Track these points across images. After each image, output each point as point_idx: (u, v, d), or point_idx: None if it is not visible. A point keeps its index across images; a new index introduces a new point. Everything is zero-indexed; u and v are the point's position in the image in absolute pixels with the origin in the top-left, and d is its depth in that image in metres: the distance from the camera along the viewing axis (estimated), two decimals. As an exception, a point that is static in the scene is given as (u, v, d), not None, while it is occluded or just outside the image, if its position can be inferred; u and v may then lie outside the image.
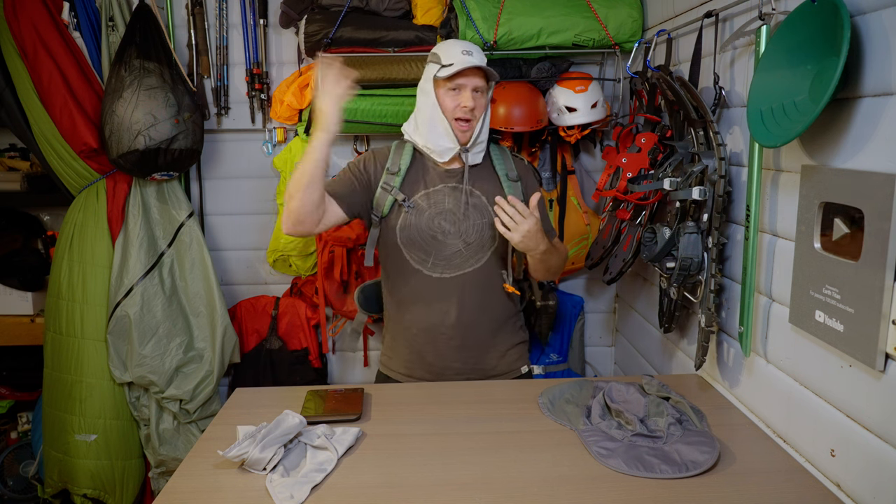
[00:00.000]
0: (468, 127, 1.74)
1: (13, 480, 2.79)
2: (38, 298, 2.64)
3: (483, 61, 1.73)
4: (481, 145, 1.80)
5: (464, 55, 1.71)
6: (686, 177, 1.58)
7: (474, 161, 1.79)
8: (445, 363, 1.81)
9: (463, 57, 1.70)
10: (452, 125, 1.73)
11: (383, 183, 1.77)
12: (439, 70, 1.71)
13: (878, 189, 1.04)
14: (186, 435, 2.43)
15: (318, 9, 2.36)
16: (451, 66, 1.69)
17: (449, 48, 1.75)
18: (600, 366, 2.81)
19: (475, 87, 1.73)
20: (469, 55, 1.71)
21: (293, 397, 1.62)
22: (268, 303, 2.64)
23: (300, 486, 1.21)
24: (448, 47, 1.75)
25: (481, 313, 1.81)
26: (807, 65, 1.20)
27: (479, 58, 1.72)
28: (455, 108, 1.72)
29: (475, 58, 1.71)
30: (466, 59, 1.70)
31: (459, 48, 1.73)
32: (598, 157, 2.62)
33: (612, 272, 2.11)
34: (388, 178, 1.77)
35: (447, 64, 1.70)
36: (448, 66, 1.70)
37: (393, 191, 1.75)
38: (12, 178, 2.52)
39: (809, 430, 1.29)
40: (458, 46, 1.74)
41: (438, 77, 1.72)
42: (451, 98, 1.73)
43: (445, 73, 1.70)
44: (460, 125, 1.73)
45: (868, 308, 1.07)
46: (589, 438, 1.37)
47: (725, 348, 1.65)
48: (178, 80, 2.25)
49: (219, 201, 2.64)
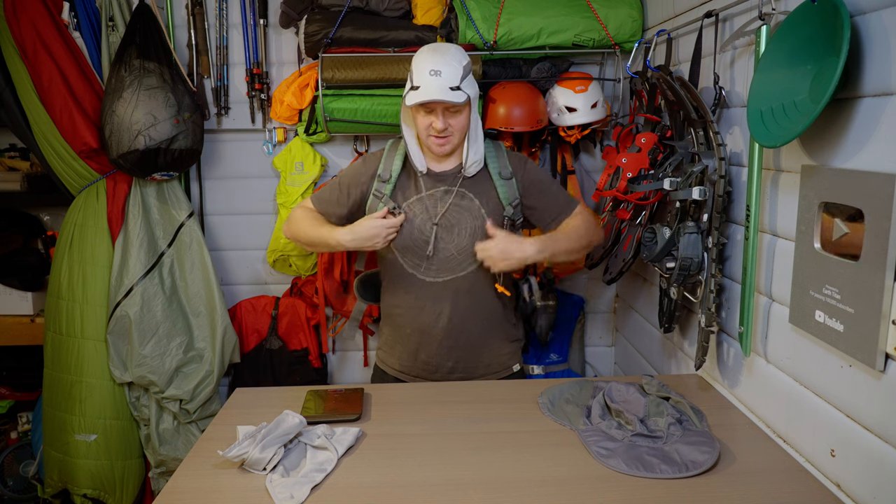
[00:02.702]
0: (445, 142, 1.70)
1: (13, 480, 2.79)
2: (38, 298, 2.64)
3: (454, 79, 1.61)
4: (477, 164, 1.76)
5: (431, 77, 1.60)
6: (686, 177, 1.58)
7: (469, 174, 1.77)
8: (439, 361, 1.84)
9: (430, 79, 1.60)
10: (425, 145, 1.72)
11: (374, 191, 1.77)
12: (408, 93, 1.65)
13: (878, 189, 1.04)
14: (186, 435, 2.43)
15: (318, 9, 2.36)
16: (418, 92, 1.62)
17: (419, 64, 1.65)
18: (600, 366, 2.81)
19: (447, 107, 1.65)
20: (436, 76, 1.60)
21: (293, 397, 1.62)
22: (268, 303, 2.64)
23: (300, 486, 1.21)
24: (419, 63, 1.66)
25: (474, 314, 1.82)
26: (807, 65, 1.20)
27: (449, 75, 1.61)
28: (427, 128, 1.68)
29: (443, 78, 1.61)
30: (432, 84, 1.60)
31: (428, 66, 1.62)
32: (598, 157, 2.62)
33: (612, 272, 2.11)
34: (379, 186, 1.77)
35: (416, 86, 1.63)
36: (415, 90, 1.62)
37: (384, 198, 1.76)
38: (12, 178, 2.52)
39: (809, 430, 1.29)
40: (427, 63, 1.63)
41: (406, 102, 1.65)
42: (423, 118, 1.68)
43: (411, 100, 1.63)
44: (437, 140, 1.69)
45: (868, 308, 1.07)
46: (589, 438, 1.37)
47: (725, 348, 1.65)
48: (178, 80, 2.25)
49: (219, 201, 2.64)
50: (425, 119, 1.68)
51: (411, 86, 1.65)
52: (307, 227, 1.77)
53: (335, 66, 2.29)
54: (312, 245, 1.80)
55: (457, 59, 1.66)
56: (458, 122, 1.69)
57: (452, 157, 1.78)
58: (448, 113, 1.66)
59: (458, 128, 1.70)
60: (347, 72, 2.29)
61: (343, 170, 1.87)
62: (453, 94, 1.62)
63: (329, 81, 2.29)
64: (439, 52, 1.67)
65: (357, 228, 1.68)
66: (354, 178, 1.81)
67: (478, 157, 1.76)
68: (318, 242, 1.77)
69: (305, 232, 1.78)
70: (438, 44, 1.73)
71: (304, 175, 2.48)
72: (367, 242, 1.68)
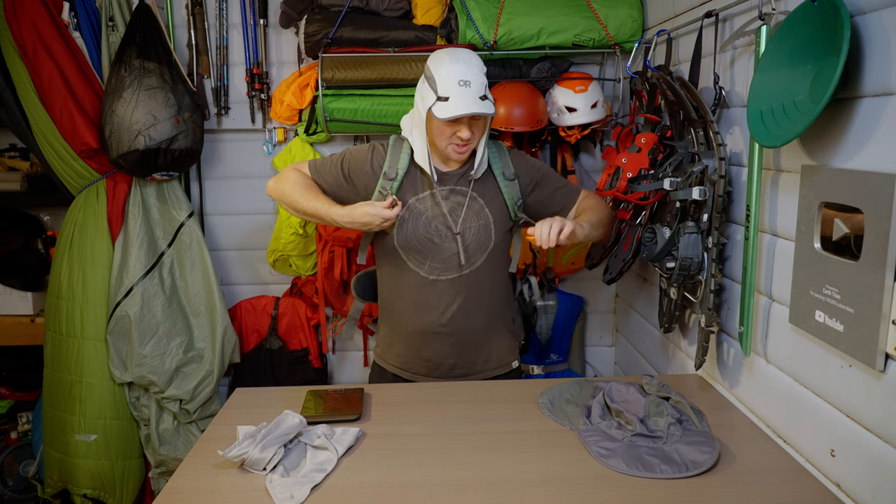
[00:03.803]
0: (466, 149, 1.70)
1: (13, 480, 2.79)
2: (38, 298, 2.64)
3: (481, 88, 1.61)
4: (484, 165, 1.78)
5: (461, 87, 1.59)
6: (686, 177, 1.58)
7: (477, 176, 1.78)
8: (440, 358, 1.84)
9: (459, 90, 1.59)
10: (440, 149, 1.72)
11: (380, 188, 1.77)
12: (435, 103, 1.61)
13: (878, 189, 1.04)
14: (186, 435, 2.43)
15: (318, 9, 2.36)
16: (448, 104, 1.59)
17: (446, 75, 1.62)
18: (600, 366, 2.81)
19: (473, 117, 1.65)
20: (466, 87, 1.59)
21: (293, 397, 1.62)
22: (268, 303, 2.64)
23: (300, 486, 1.21)
24: (444, 73, 1.62)
25: (475, 312, 1.83)
26: (807, 65, 1.20)
27: (477, 86, 1.61)
28: (451, 137, 1.67)
29: (473, 89, 1.60)
30: (464, 97, 1.59)
31: (456, 77, 1.60)
32: (598, 157, 2.62)
33: (612, 272, 2.11)
34: (385, 184, 1.77)
35: (443, 97, 1.60)
36: (444, 101, 1.61)
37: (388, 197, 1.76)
38: (12, 178, 2.52)
39: (809, 430, 1.29)
40: (455, 74, 1.60)
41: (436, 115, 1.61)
42: (447, 127, 1.66)
43: (443, 114, 1.59)
44: (458, 148, 1.69)
45: (868, 308, 1.07)
46: (589, 438, 1.37)
47: (725, 348, 1.65)
48: (178, 80, 2.25)
49: (219, 201, 2.64)
50: (449, 129, 1.66)
51: (437, 97, 1.61)
52: (301, 194, 1.74)
53: (335, 66, 2.29)
54: (300, 212, 1.77)
55: (479, 67, 1.66)
56: (480, 128, 1.70)
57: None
58: (473, 122, 1.67)
59: (479, 134, 1.71)
60: (347, 72, 2.29)
61: (349, 149, 1.84)
62: (484, 105, 1.61)
63: (329, 81, 2.29)
64: (463, 60, 1.64)
65: (355, 213, 1.66)
66: (360, 166, 1.80)
67: (485, 160, 1.77)
68: (308, 212, 1.74)
69: (296, 198, 1.75)
70: (457, 50, 1.68)
71: (304, 175, 2.48)
72: (359, 226, 1.69)
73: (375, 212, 1.64)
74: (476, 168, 1.75)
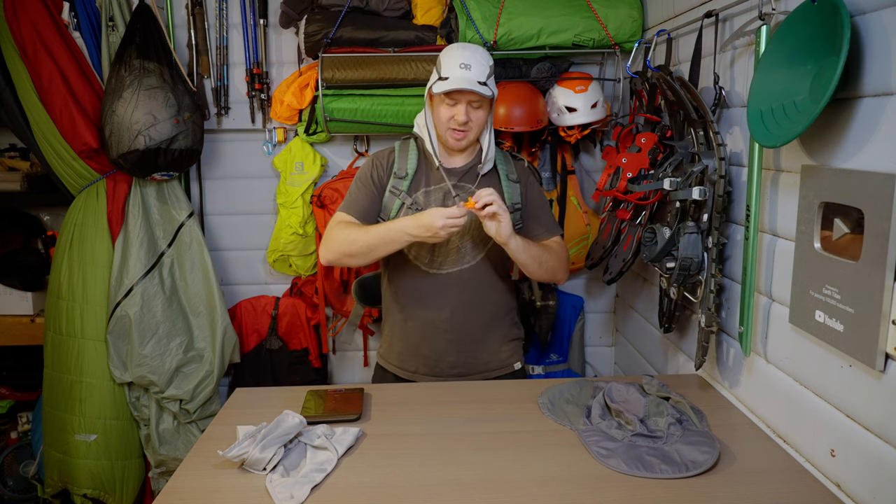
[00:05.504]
0: (463, 136, 1.74)
1: (13, 480, 2.79)
2: (38, 298, 2.64)
3: (482, 75, 1.68)
4: (490, 163, 1.81)
5: (461, 69, 1.66)
6: (686, 177, 1.58)
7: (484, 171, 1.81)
8: (440, 356, 1.84)
9: (459, 72, 1.66)
10: (443, 137, 1.75)
11: (391, 187, 1.80)
12: (436, 82, 1.70)
13: (878, 189, 1.04)
14: (186, 435, 2.43)
15: (318, 9, 2.36)
16: (447, 81, 1.66)
17: (450, 58, 1.70)
18: (600, 366, 2.81)
19: (471, 101, 1.70)
20: (466, 69, 1.66)
21: (293, 397, 1.62)
22: (268, 303, 2.64)
23: (300, 486, 1.21)
24: (449, 57, 1.71)
25: (476, 309, 1.83)
26: (807, 65, 1.20)
27: (478, 71, 1.67)
28: (449, 120, 1.72)
29: (472, 72, 1.66)
30: (462, 76, 1.65)
31: (458, 60, 1.68)
32: (598, 157, 2.62)
33: (612, 272, 2.11)
34: (396, 183, 1.80)
35: (444, 77, 1.68)
36: (444, 80, 1.67)
37: (401, 195, 1.78)
38: (12, 178, 2.52)
39: (809, 430, 1.29)
40: (458, 58, 1.68)
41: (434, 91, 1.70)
42: (446, 110, 1.72)
43: (439, 88, 1.68)
44: (455, 133, 1.73)
45: (868, 308, 1.07)
46: (589, 438, 1.37)
47: (725, 348, 1.65)
48: (178, 80, 2.25)
49: (219, 201, 2.64)
50: (448, 111, 1.72)
51: (439, 76, 1.69)
52: (359, 235, 1.69)
53: (335, 66, 2.29)
54: (371, 249, 1.69)
55: (485, 58, 1.72)
56: (479, 117, 1.73)
57: (464, 153, 1.82)
58: (471, 107, 1.71)
59: (477, 123, 1.74)
60: (347, 72, 2.29)
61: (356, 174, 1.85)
62: (481, 88, 1.67)
63: (329, 81, 2.29)
64: (469, 49, 1.72)
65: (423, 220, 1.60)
66: (374, 169, 1.82)
67: (492, 153, 1.80)
68: (377, 244, 1.68)
69: (357, 240, 1.68)
70: (466, 43, 1.78)
71: (304, 175, 2.48)
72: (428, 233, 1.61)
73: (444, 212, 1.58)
74: (483, 162, 1.79)
